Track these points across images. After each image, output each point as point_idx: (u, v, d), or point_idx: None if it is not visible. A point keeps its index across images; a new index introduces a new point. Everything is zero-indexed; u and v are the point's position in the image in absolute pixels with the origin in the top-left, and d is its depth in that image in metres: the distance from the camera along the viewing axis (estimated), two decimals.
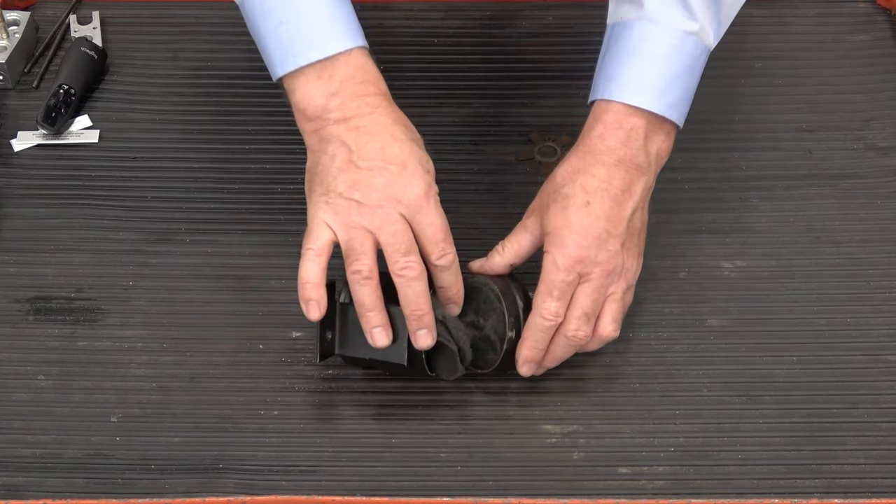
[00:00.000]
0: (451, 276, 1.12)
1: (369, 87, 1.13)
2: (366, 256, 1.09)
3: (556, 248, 1.13)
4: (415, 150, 1.12)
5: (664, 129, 1.17)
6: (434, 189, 1.12)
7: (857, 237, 1.29)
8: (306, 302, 1.11)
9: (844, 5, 1.50)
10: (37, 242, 1.29)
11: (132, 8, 1.50)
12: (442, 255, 1.11)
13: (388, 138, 1.12)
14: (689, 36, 1.15)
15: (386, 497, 1.11)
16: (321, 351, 1.14)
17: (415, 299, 1.10)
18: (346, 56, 1.13)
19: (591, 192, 1.14)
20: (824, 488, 1.12)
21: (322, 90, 1.13)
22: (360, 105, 1.12)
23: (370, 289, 1.10)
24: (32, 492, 1.12)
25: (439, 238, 1.11)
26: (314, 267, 1.11)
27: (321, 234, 1.11)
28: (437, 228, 1.11)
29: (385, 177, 1.10)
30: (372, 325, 1.11)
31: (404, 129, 1.13)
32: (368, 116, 1.12)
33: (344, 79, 1.13)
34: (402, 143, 1.12)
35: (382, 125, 1.12)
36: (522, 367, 1.15)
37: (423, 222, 1.11)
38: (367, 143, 1.11)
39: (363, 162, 1.11)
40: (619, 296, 1.15)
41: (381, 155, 1.11)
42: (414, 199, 1.10)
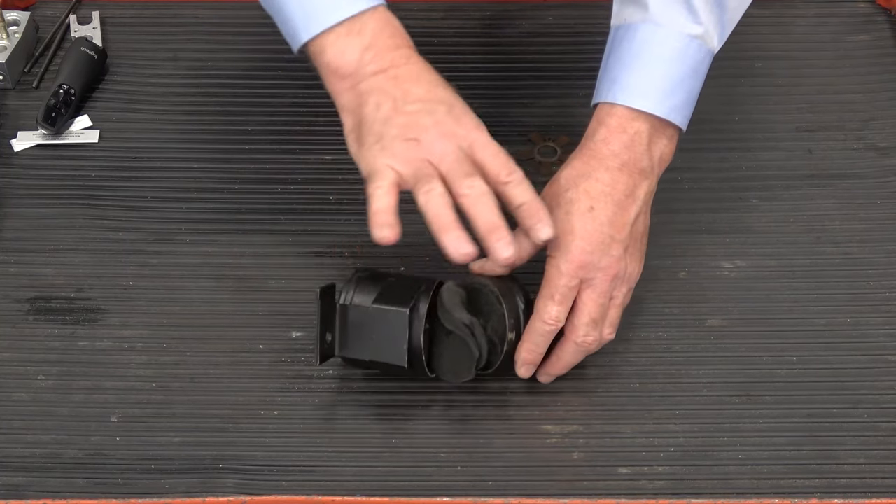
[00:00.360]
0: (525, 191, 1.11)
1: (399, 40, 1.14)
2: (436, 180, 1.09)
3: (560, 253, 1.13)
4: (452, 94, 1.13)
5: (667, 133, 1.17)
6: (483, 124, 1.12)
7: (857, 237, 1.29)
8: (381, 227, 1.09)
9: (844, 5, 1.50)
10: (37, 242, 1.29)
11: (132, 8, 1.50)
12: (510, 173, 1.10)
13: (429, 83, 1.13)
14: (693, 39, 1.15)
15: (386, 497, 1.11)
16: (321, 352, 1.13)
17: (486, 212, 1.09)
18: (372, 12, 1.14)
19: (595, 196, 1.14)
20: (824, 488, 1.12)
21: (355, 45, 1.13)
22: (395, 57, 1.13)
23: (445, 203, 1.09)
24: (32, 492, 1.12)
25: (504, 160, 1.11)
26: (387, 198, 1.09)
27: (387, 174, 1.10)
28: (497, 152, 1.11)
29: (435, 116, 1.11)
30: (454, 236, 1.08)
31: (439, 78, 1.14)
32: (405, 66, 1.13)
33: (375, 33, 1.13)
34: (444, 87, 1.13)
35: (421, 71, 1.13)
36: (521, 368, 1.15)
37: (483, 151, 1.11)
38: (410, 88, 1.12)
39: (410, 106, 1.11)
40: (620, 301, 1.16)
41: (426, 97, 1.12)
42: (467, 132, 1.11)
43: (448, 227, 1.09)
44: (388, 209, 1.09)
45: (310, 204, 1.31)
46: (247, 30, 1.48)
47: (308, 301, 1.17)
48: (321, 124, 1.38)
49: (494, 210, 1.09)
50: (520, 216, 1.11)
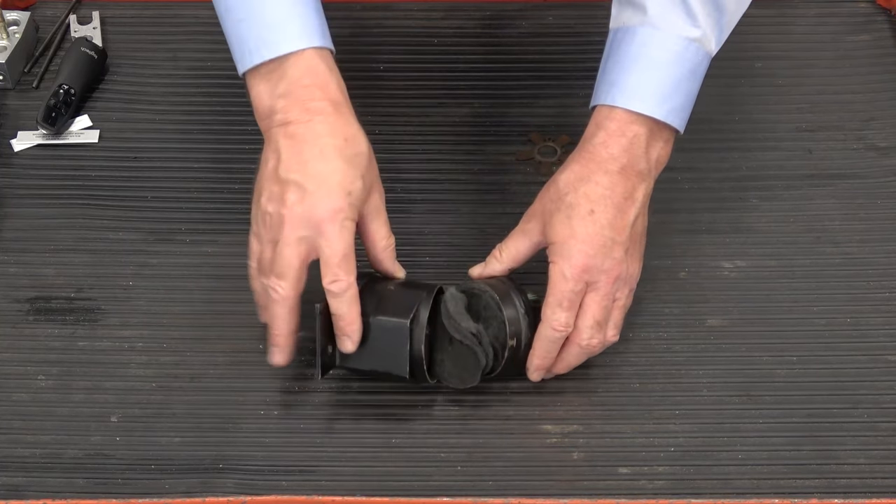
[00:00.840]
0: (342, 303, 1.11)
1: (315, 91, 1.12)
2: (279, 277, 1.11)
3: (563, 259, 1.13)
4: (339, 169, 1.11)
5: (664, 136, 1.17)
6: (344, 213, 1.10)
7: (857, 237, 1.29)
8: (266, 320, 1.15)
9: (844, 5, 1.50)
10: (37, 242, 1.29)
11: (132, 8, 1.50)
12: (333, 281, 1.10)
13: (316, 152, 1.11)
14: (691, 42, 1.15)
15: (386, 497, 1.11)
16: (322, 365, 1.13)
17: (272, 317, 1.12)
18: (296, 57, 1.12)
19: (595, 200, 1.14)
20: (824, 488, 1.11)
21: (270, 91, 1.13)
22: (301, 111, 1.12)
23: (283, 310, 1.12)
24: (32, 492, 1.12)
25: (334, 262, 1.10)
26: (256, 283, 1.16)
27: (254, 249, 1.15)
28: (334, 252, 1.10)
29: (298, 194, 1.10)
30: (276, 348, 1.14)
31: (339, 143, 1.11)
32: (305, 124, 1.12)
33: (291, 81, 1.12)
34: (328, 161, 1.11)
35: (317, 136, 1.11)
36: (533, 374, 1.16)
37: (323, 245, 1.10)
38: (295, 154, 1.11)
39: (285, 174, 1.11)
40: (623, 302, 1.16)
41: (302, 169, 1.11)
42: (317, 222, 1.10)
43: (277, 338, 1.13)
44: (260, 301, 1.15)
45: None
46: None
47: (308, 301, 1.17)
48: None
49: (280, 318, 1.12)
50: (334, 323, 1.12)
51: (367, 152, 1.13)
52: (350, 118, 1.13)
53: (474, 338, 1.12)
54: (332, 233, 1.10)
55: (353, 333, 1.12)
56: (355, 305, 1.11)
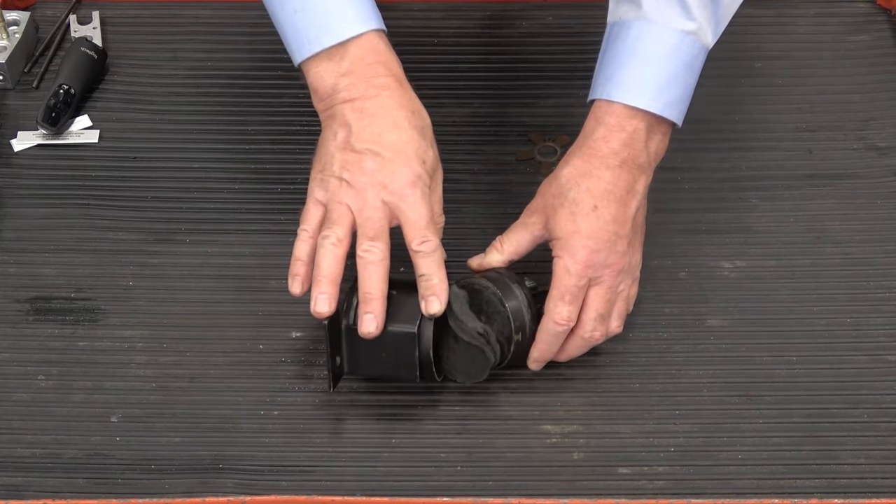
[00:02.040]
0: (431, 263, 1.12)
1: (379, 68, 1.15)
2: (339, 226, 1.11)
3: (568, 254, 1.14)
4: (413, 139, 1.13)
5: (662, 129, 1.17)
6: (423, 180, 1.13)
7: (857, 237, 1.29)
8: (293, 276, 1.13)
9: (844, 5, 1.50)
10: (37, 242, 1.29)
11: (132, 8, 1.50)
12: (422, 241, 1.12)
13: (388, 123, 1.13)
14: (686, 35, 1.16)
15: (386, 497, 1.11)
16: (333, 376, 1.13)
17: (368, 281, 1.11)
18: (357, 40, 1.15)
19: (598, 195, 1.14)
20: (824, 488, 1.11)
21: (333, 71, 1.15)
22: (368, 87, 1.14)
23: (332, 255, 1.11)
24: (32, 492, 1.12)
25: (421, 225, 1.12)
26: (305, 247, 1.13)
27: (314, 214, 1.14)
28: (419, 216, 1.12)
29: (376, 162, 1.12)
30: (319, 291, 1.11)
31: (409, 115, 1.14)
32: (374, 99, 1.14)
33: (354, 60, 1.14)
34: (401, 130, 1.13)
35: (386, 108, 1.14)
36: (533, 364, 1.17)
37: (406, 209, 1.12)
38: (367, 126, 1.13)
39: (359, 144, 1.12)
40: (626, 293, 1.17)
41: (377, 139, 1.12)
42: (399, 187, 1.12)
43: (319, 279, 1.11)
44: (304, 258, 1.13)
45: None
46: (247, 30, 1.48)
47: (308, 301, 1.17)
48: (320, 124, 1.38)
49: (376, 280, 1.11)
50: (419, 283, 1.12)
51: (430, 125, 1.16)
52: (412, 93, 1.16)
53: (482, 337, 1.13)
54: (415, 197, 1.12)
55: (440, 293, 1.12)
56: (443, 266, 1.12)
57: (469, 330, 1.12)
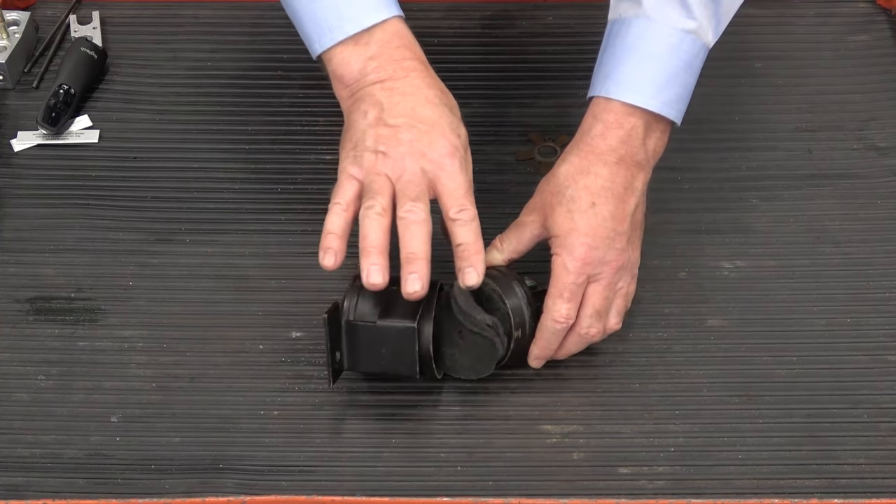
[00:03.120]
0: (468, 232, 1.11)
1: (405, 52, 1.15)
2: (382, 196, 1.10)
3: (566, 252, 1.14)
4: (445, 114, 1.14)
5: (661, 127, 1.17)
6: (461, 152, 1.13)
7: (857, 237, 1.29)
8: (325, 250, 1.11)
9: (844, 5, 1.50)
10: (37, 242, 1.29)
11: (132, 8, 1.50)
12: (461, 210, 1.11)
13: (420, 100, 1.13)
14: (686, 34, 1.16)
15: (386, 497, 1.11)
16: (333, 372, 1.13)
17: (412, 240, 1.10)
18: (382, 25, 1.15)
19: (596, 192, 1.14)
20: (824, 488, 1.11)
21: (359, 55, 1.15)
22: (396, 69, 1.14)
23: (379, 225, 1.10)
24: (32, 492, 1.12)
25: (459, 194, 1.11)
26: (338, 220, 1.12)
27: (348, 189, 1.12)
28: (458, 185, 1.12)
29: (413, 133, 1.12)
30: (370, 263, 1.10)
31: (438, 94, 1.15)
32: (404, 79, 1.14)
33: (380, 44, 1.15)
34: (434, 106, 1.14)
35: (417, 87, 1.14)
36: (533, 361, 1.17)
37: (445, 178, 1.11)
38: (399, 102, 1.13)
39: (393, 119, 1.12)
40: (625, 290, 1.17)
41: (411, 114, 1.13)
42: (438, 157, 1.11)
43: (369, 251, 1.09)
44: (337, 231, 1.11)
45: (310, 204, 1.31)
46: (247, 30, 1.48)
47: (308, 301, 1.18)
48: (321, 124, 1.38)
49: (421, 240, 1.10)
50: (456, 254, 1.12)
51: (457, 105, 1.16)
52: (436, 76, 1.16)
53: (491, 329, 1.13)
54: (454, 167, 1.11)
55: (478, 263, 1.11)
56: (480, 236, 1.12)
57: (479, 322, 1.13)
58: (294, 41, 1.28)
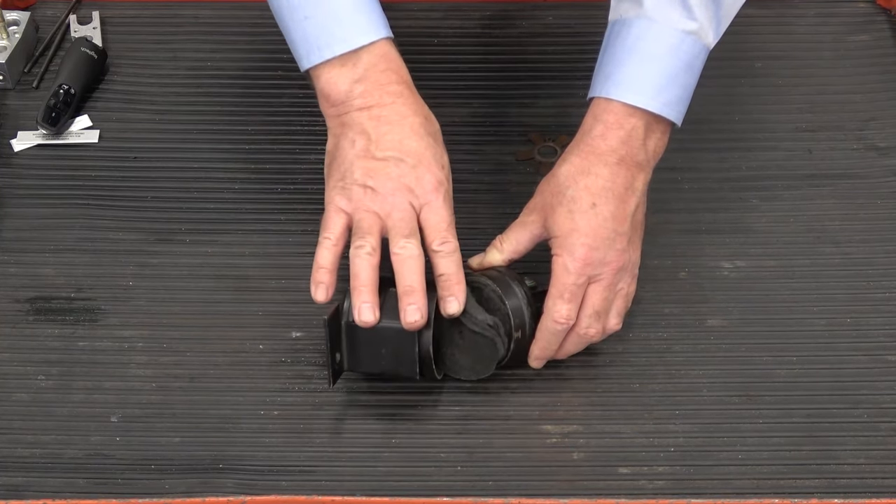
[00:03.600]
0: (450, 264, 1.13)
1: (392, 75, 1.16)
2: (371, 236, 1.12)
3: (566, 252, 1.14)
4: (430, 145, 1.15)
5: (661, 128, 1.17)
6: (445, 185, 1.14)
7: (857, 237, 1.29)
8: (317, 284, 1.12)
9: (844, 5, 1.50)
10: (37, 242, 1.29)
11: (132, 8, 1.50)
12: (443, 242, 1.12)
13: (406, 130, 1.14)
14: (687, 35, 1.16)
15: (386, 497, 1.11)
16: (333, 373, 1.13)
17: (408, 274, 1.11)
18: (370, 47, 1.15)
19: (596, 193, 1.14)
20: (824, 488, 1.11)
21: (346, 77, 1.15)
22: (383, 94, 1.15)
23: (369, 265, 1.11)
24: (32, 492, 1.12)
25: (442, 227, 1.13)
26: (328, 255, 1.13)
27: (336, 222, 1.14)
28: (441, 219, 1.13)
29: (400, 168, 1.13)
30: (361, 301, 1.11)
31: (423, 122, 1.15)
32: (390, 106, 1.15)
33: (368, 67, 1.15)
34: (419, 138, 1.14)
35: (403, 116, 1.15)
36: (533, 362, 1.17)
37: (429, 213, 1.13)
38: (387, 133, 1.14)
39: (380, 152, 1.13)
40: (625, 291, 1.17)
41: (398, 147, 1.13)
42: (424, 192, 1.13)
43: (360, 289, 1.11)
44: (328, 266, 1.12)
45: (310, 204, 1.31)
46: (247, 30, 1.48)
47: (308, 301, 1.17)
48: (321, 124, 1.37)
49: (416, 273, 1.11)
50: (438, 283, 1.13)
51: (440, 131, 1.17)
52: (421, 100, 1.17)
53: (492, 329, 1.13)
54: (438, 202, 1.13)
55: (459, 294, 1.12)
56: (461, 266, 1.13)
57: (480, 322, 1.13)
58: None
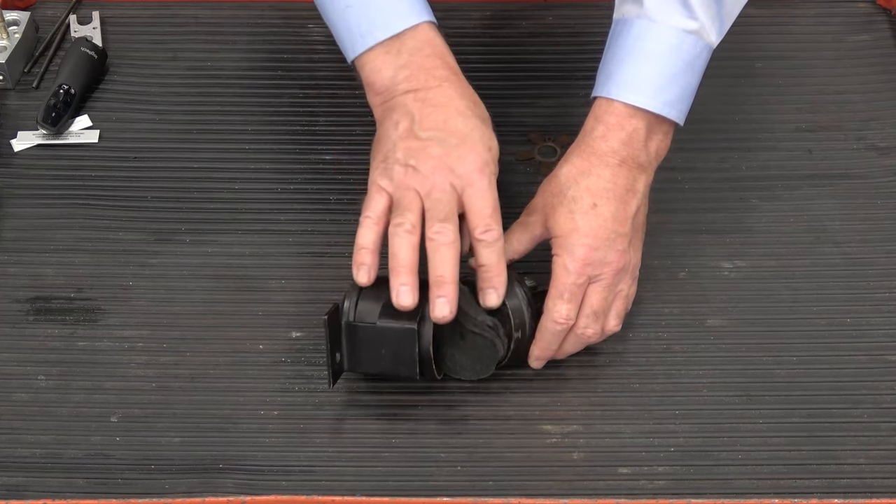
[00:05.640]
0: (492, 254, 1.11)
1: (437, 60, 1.15)
2: (411, 213, 1.10)
3: (567, 253, 1.14)
4: (477, 126, 1.13)
5: (663, 129, 1.17)
6: (490, 167, 1.12)
7: (857, 237, 1.29)
8: (359, 266, 1.11)
9: (844, 5, 1.50)
10: (37, 242, 1.29)
11: (132, 8, 1.50)
12: (486, 230, 1.11)
13: (452, 112, 1.13)
14: (688, 34, 1.16)
15: (386, 497, 1.11)
16: (333, 373, 1.13)
17: (441, 264, 1.09)
18: (412, 31, 1.15)
19: (597, 193, 1.14)
20: (824, 488, 1.12)
21: (390, 64, 1.15)
22: (428, 78, 1.14)
23: (408, 243, 1.10)
24: (32, 492, 1.12)
25: (486, 213, 1.11)
26: (370, 234, 1.12)
27: (378, 201, 1.12)
28: (486, 203, 1.11)
29: (443, 147, 1.11)
30: (400, 282, 1.09)
31: (470, 105, 1.14)
32: (436, 89, 1.14)
33: (412, 52, 1.15)
34: (465, 118, 1.13)
35: (449, 98, 1.14)
36: (534, 362, 1.17)
37: (473, 195, 1.11)
38: (431, 114, 1.13)
39: (424, 132, 1.12)
40: (625, 292, 1.17)
41: (442, 126, 1.12)
42: (467, 172, 1.11)
43: (399, 269, 1.09)
44: (370, 246, 1.11)
45: (310, 204, 1.32)
46: (247, 30, 1.48)
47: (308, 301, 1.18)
48: (321, 124, 1.38)
49: (450, 263, 1.09)
50: (479, 274, 1.12)
51: (490, 119, 1.15)
52: (469, 86, 1.16)
53: (492, 330, 1.13)
54: (483, 185, 1.11)
55: (500, 286, 1.11)
56: (504, 257, 1.12)
57: (479, 323, 1.13)
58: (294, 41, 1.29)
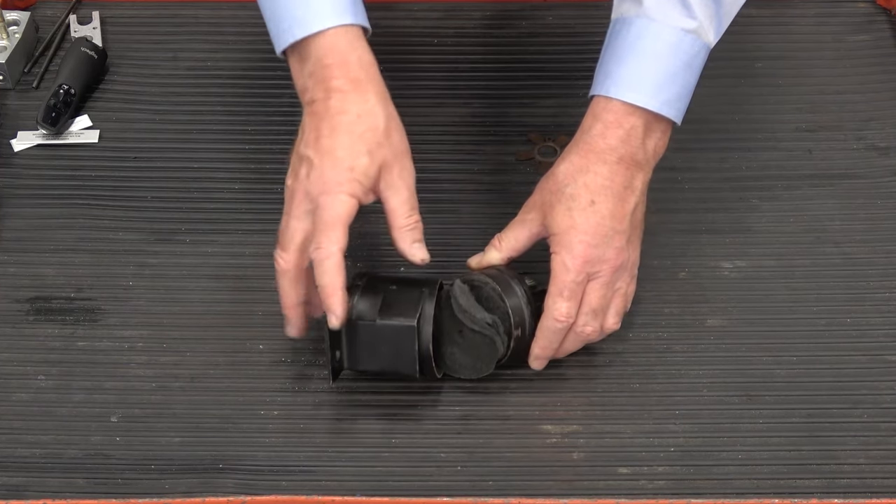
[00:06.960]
0: (322, 273, 1.10)
1: (334, 70, 1.13)
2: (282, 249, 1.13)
3: (565, 250, 1.14)
4: (344, 144, 1.12)
5: (661, 127, 1.17)
6: (345, 187, 1.10)
7: (857, 237, 1.29)
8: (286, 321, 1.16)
9: (844, 5, 1.50)
10: (37, 242, 1.29)
11: (132, 8, 1.50)
12: (315, 248, 1.10)
13: (326, 128, 1.12)
14: (687, 34, 1.16)
15: (386, 497, 1.11)
16: (333, 370, 1.13)
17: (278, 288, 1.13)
18: (321, 36, 1.13)
19: (595, 191, 1.15)
20: (824, 488, 1.12)
21: (301, 71, 1.15)
22: (321, 90, 1.13)
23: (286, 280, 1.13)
24: (32, 492, 1.12)
25: (318, 230, 1.10)
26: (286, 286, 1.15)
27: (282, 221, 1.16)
28: (320, 221, 1.10)
29: (307, 168, 1.12)
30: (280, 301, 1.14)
31: (351, 119, 1.12)
32: (323, 102, 1.13)
33: (314, 61, 1.14)
34: (335, 136, 1.12)
35: (331, 113, 1.13)
36: (534, 362, 1.17)
37: (317, 215, 1.11)
38: (312, 131, 1.13)
39: (303, 150, 1.13)
40: (624, 290, 1.17)
41: (315, 145, 1.12)
42: (317, 194, 1.11)
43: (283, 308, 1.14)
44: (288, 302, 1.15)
45: None
46: (247, 30, 1.48)
47: None
48: None
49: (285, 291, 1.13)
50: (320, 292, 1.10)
51: (383, 128, 1.13)
52: (367, 94, 1.13)
53: (492, 328, 1.13)
54: (326, 203, 1.11)
55: (334, 306, 1.09)
56: (338, 276, 1.09)
57: (479, 321, 1.13)
58: None
